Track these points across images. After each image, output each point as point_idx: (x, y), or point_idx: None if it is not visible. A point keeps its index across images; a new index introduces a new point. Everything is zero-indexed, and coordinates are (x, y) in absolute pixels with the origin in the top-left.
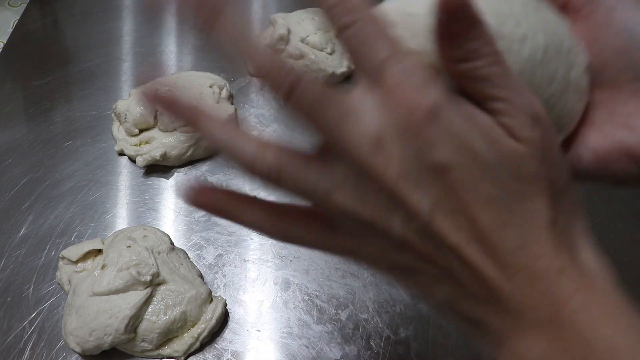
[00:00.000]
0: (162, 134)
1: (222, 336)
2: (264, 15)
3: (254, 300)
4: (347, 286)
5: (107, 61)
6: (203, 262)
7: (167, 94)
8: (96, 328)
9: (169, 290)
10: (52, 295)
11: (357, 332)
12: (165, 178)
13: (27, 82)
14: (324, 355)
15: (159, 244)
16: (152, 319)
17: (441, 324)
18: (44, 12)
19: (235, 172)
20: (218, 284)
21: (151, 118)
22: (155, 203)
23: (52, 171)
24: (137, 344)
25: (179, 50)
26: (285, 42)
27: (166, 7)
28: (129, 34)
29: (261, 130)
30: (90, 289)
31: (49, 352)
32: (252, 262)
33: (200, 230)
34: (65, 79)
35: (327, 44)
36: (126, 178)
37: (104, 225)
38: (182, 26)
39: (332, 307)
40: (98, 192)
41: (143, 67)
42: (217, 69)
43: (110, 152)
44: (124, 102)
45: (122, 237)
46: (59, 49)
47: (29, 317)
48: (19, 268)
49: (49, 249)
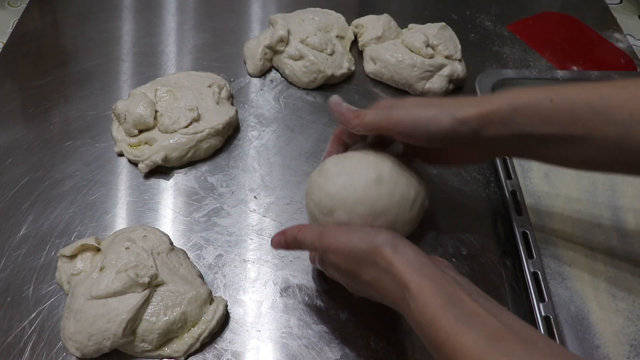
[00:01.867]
0: (162, 135)
1: (222, 336)
2: (264, 15)
3: (254, 301)
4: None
5: (107, 61)
6: (203, 262)
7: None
8: (94, 333)
9: (169, 291)
10: (52, 295)
11: (357, 332)
12: (165, 178)
13: (26, 82)
14: (324, 356)
15: (158, 244)
16: (152, 319)
17: None
18: (43, 12)
19: (234, 173)
20: (218, 284)
21: (151, 119)
22: (155, 203)
23: (52, 171)
24: (137, 344)
25: (178, 50)
26: (285, 43)
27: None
28: (129, 34)
29: (261, 131)
30: (88, 292)
31: (49, 352)
32: (252, 262)
33: (200, 230)
34: (65, 79)
35: (327, 45)
36: (126, 178)
37: (104, 225)
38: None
39: (332, 307)
40: (98, 192)
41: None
42: (217, 69)
43: (109, 152)
44: (123, 102)
45: (121, 238)
46: (59, 49)
47: (29, 317)
48: (19, 268)
49: (49, 249)
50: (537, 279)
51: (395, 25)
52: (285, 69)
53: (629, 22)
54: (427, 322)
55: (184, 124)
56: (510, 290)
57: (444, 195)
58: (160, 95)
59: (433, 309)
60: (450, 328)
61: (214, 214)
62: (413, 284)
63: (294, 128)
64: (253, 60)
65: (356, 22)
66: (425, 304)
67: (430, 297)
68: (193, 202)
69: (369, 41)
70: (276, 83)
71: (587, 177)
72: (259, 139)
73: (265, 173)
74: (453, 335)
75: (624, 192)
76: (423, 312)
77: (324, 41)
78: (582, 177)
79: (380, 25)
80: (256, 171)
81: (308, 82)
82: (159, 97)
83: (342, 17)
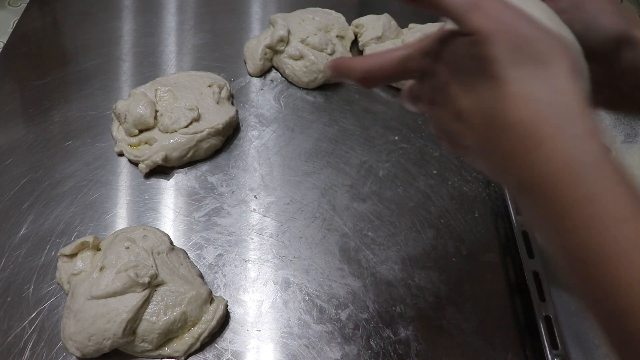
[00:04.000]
0: (162, 135)
1: (222, 336)
2: (264, 15)
3: (254, 300)
4: (347, 286)
5: (107, 61)
6: (203, 262)
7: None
8: (94, 333)
9: (169, 290)
10: (52, 295)
11: (357, 332)
12: (165, 178)
13: (26, 82)
14: (324, 355)
15: (158, 244)
16: (152, 319)
17: (441, 324)
18: (43, 12)
19: (234, 172)
20: (218, 284)
21: (151, 119)
22: (155, 203)
23: (52, 171)
24: (137, 344)
25: (178, 50)
26: (285, 42)
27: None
28: (129, 34)
29: (261, 130)
30: (88, 292)
31: (49, 352)
32: (252, 262)
33: (200, 230)
34: (65, 78)
35: (327, 44)
36: (126, 178)
37: (104, 225)
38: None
39: (332, 307)
40: (98, 192)
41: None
42: (217, 68)
43: (110, 152)
44: (123, 102)
45: (121, 238)
46: (59, 49)
47: (29, 317)
48: (19, 268)
49: (49, 249)
50: (538, 279)
51: (395, 25)
52: (285, 69)
53: None
54: (603, 220)
55: (184, 124)
56: (511, 290)
57: (444, 195)
58: (160, 95)
59: (624, 206)
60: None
61: (214, 214)
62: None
63: (294, 128)
64: (253, 60)
65: (356, 22)
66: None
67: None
68: (193, 201)
69: (369, 41)
70: (276, 83)
71: None
72: (259, 139)
73: (266, 173)
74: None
75: None
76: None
77: (324, 41)
78: None
79: (381, 25)
80: (256, 171)
81: (308, 82)
82: (159, 97)
83: (342, 17)
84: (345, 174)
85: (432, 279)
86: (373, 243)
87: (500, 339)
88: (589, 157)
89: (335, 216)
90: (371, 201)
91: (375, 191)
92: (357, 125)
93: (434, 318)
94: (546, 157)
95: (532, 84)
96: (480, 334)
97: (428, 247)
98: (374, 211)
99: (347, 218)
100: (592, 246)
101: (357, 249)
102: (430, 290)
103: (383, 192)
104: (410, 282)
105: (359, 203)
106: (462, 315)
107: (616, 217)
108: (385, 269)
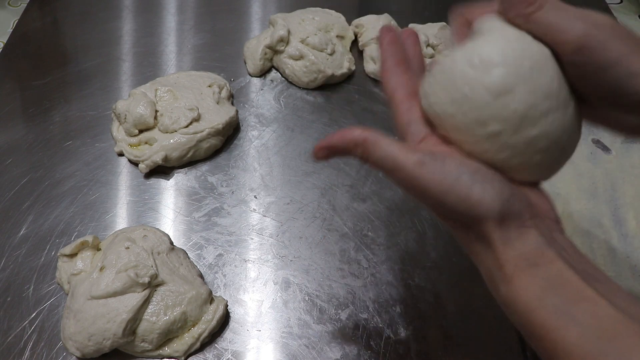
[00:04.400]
0: (162, 135)
1: (222, 336)
2: (264, 15)
3: (254, 300)
4: (347, 286)
5: (107, 61)
6: (203, 262)
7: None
8: (94, 333)
9: (169, 290)
10: (52, 295)
11: (357, 332)
12: (165, 178)
13: (26, 82)
14: (324, 355)
15: (158, 244)
16: (152, 319)
17: (441, 323)
18: (43, 12)
19: (234, 172)
20: (218, 284)
21: (151, 119)
22: (155, 203)
23: (52, 171)
24: (137, 344)
25: (178, 50)
26: (285, 42)
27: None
28: (129, 34)
29: (261, 130)
30: (88, 292)
31: (49, 352)
32: (252, 262)
33: (200, 230)
34: (65, 78)
35: (327, 44)
36: (126, 178)
37: (104, 225)
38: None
39: (332, 307)
40: (98, 192)
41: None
42: (217, 68)
43: (110, 152)
44: (123, 102)
45: (121, 238)
46: (59, 49)
47: (29, 317)
48: (19, 268)
49: (49, 249)
50: None
51: (395, 25)
52: (285, 69)
53: (629, 22)
54: (521, 313)
55: (184, 124)
56: None
57: None
58: (160, 95)
59: (529, 297)
60: (548, 322)
61: (214, 214)
62: (508, 265)
63: (294, 128)
64: (253, 60)
65: (356, 22)
66: (519, 291)
67: (526, 282)
68: (193, 201)
69: (369, 41)
70: (276, 83)
71: (587, 177)
72: (259, 139)
73: (266, 173)
74: (552, 332)
75: (624, 192)
76: (516, 300)
77: (324, 41)
78: (582, 177)
79: (381, 25)
80: (256, 171)
81: (308, 82)
82: (159, 97)
83: (342, 16)
84: (345, 174)
85: (432, 279)
86: (373, 243)
87: (500, 339)
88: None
89: (335, 216)
90: (371, 201)
91: (375, 191)
92: (357, 125)
93: (434, 318)
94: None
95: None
96: (481, 334)
97: (428, 247)
98: (374, 211)
99: (347, 218)
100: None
101: (357, 249)
102: (430, 290)
103: (383, 192)
104: (410, 282)
105: (359, 203)
106: (462, 315)
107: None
108: (385, 269)
